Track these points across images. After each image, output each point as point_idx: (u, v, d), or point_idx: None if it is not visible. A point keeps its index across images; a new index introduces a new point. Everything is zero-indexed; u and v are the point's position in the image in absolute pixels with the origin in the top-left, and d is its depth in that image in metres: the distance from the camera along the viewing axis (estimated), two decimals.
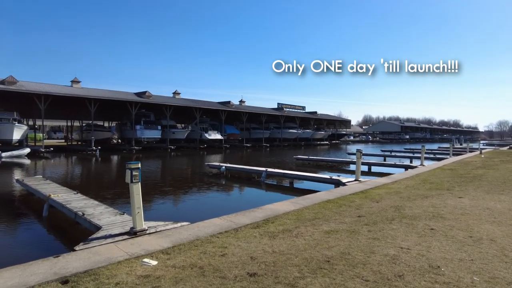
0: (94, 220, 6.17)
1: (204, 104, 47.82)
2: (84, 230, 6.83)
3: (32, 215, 8.73)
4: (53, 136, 61.75)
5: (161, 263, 4.27)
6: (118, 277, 3.89)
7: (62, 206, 7.43)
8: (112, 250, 4.72)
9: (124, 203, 9.87)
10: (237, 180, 15.66)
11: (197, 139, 44.49)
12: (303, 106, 70.82)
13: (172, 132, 42.69)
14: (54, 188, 9.78)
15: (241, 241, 5.10)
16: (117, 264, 4.28)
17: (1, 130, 30.40)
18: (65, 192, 9.13)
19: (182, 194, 12.38)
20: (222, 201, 11.49)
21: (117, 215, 6.66)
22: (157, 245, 4.94)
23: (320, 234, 5.40)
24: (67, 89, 36.87)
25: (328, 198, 8.53)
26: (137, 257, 4.51)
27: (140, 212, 5.35)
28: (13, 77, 31.38)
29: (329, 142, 68.76)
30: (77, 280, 3.85)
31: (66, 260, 4.39)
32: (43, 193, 8.87)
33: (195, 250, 4.74)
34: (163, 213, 8.79)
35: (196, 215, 7.86)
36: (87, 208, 7.11)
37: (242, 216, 6.64)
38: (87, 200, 8.15)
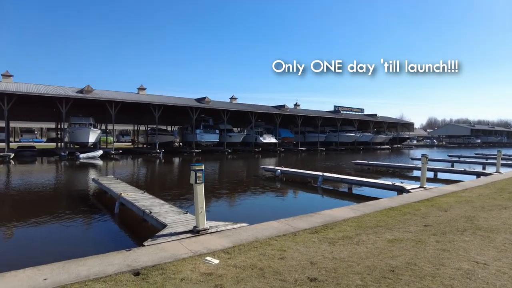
0: (160, 218, 6.58)
1: (259, 108, 48.51)
2: (150, 227, 7.31)
3: (106, 211, 9.55)
4: (121, 139, 67.32)
5: (222, 262, 4.41)
6: (183, 273, 4.10)
7: (132, 204, 8.04)
8: (177, 247, 4.99)
9: (186, 202, 10.39)
10: (293, 184, 15.58)
11: (252, 142, 45.23)
12: (362, 109, 68.28)
13: (229, 135, 43.99)
14: (124, 187, 10.62)
15: (300, 246, 5.06)
16: (182, 260, 4.51)
17: (79, 134, 33.89)
18: (134, 191, 9.87)
19: (238, 195, 12.66)
20: (278, 205, 11.52)
21: (181, 214, 7.02)
22: (219, 244, 5.11)
23: (383, 242, 5.15)
24: (134, 96, 39.96)
25: (390, 205, 8.11)
26: (200, 255, 4.71)
27: (203, 211, 5.59)
28: (90, 86, 34.93)
29: (390, 146, 65.32)
30: (147, 273, 4.13)
31: (136, 254, 4.74)
32: (115, 191, 9.69)
33: (255, 252, 4.81)
34: (221, 213, 9.08)
35: (253, 217, 7.99)
36: (154, 207, 7.61)
37: (300, 221, 6.59)
38: (153, 199, 8.72)
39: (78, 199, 11.46)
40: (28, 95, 29.98)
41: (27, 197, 12.11)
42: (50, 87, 35.29)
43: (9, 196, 12.46)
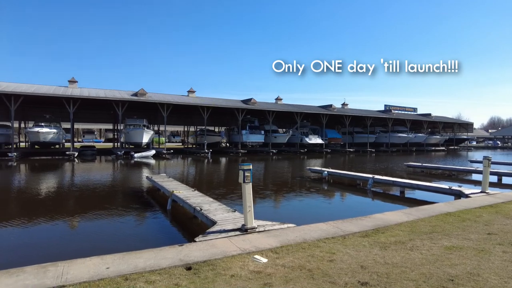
0: (210, 215, 6.79)
1: (305, 108, 48.01)
2: (200, 224, 7.58)
3: (159, 207, 10.06)
4: (172, 139, 70.42)
5: (271, 261, 4.45)
6: (233, 269, 4.20)
7: (183, 201, 8.40)
8: (226, 244, 5.12)
9: (233, 201, 10.61)
10: (340, 186, 15.22)
11: (297, 143, 44.89)
12: (415, 108, 64.70)
13: (274, 136, 44.08)
14: (175, 185, 11.12)
15: (350, 249, 4.95)
16: (231, 257, 4.63)
17: (134, 135, 36.04)
18: (185, 189, 10.29)
19: (283, 196, 12.65)
20: (325, 207, 11.32)
21: (229, 212, 7.19)
22: (267, 243, 5.16)
23: (439, 249, 4.86)
24: (184, 98, 41.62)
25: (447, 210, 7.61)
26: (249, 253, 4.79)
27: (251, 210, 5.68)
28: (143, 90, 37.04)
29: (446, 148, 61.12)
30: (198, 268, 4.29)
31: (188, 249, 4.95)
32: (167, 189, 10.18)
33: (303, 253, 4.79)
34: (267, 213, 9.14)
35: (299, 218, 7.94)
36: (204, 204, 7.88)
37: (349, 224, 6.44)
38: (203, 197, 9.03)
39: (134, 196, 12.21)
40: (90, 98, 32.58)
41: (89, 192, 13.15)
42: (108, 91, 38.00)
43: (74, 191, 13.62)
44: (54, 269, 4.18)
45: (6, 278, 3.94)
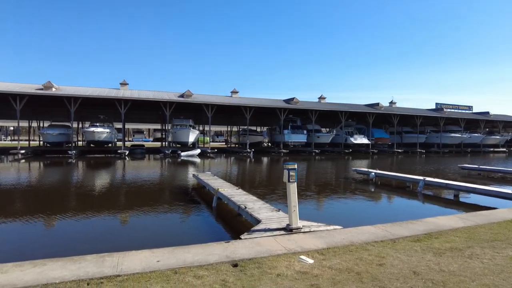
0: (254, 214, 6.84)
1: (350, 107, 46.64)
2: (244, 221, 7.66)
3: (204, 204, 10.33)
4: (216, 139, 72.17)
5: (317, 263, 4.37)
6: (279, 269, 4.19)
7: (228, 199, 8.55)
8: (272, 243, 5.12)
9: (276, 200, 10.59)
10: (388, 189, 14.58)
11: (341, 143, 43.80)
12: (470, 106, 60.30)
13: (317, 136, 43.39)
14: (220, 183, 11.36)
15: (400, 253, 4.72)
16: (277, 257, 4.62)
17: (181, 134, 37.46)
18: (229, 187, 10.48)
19: (327, 197, 12.39)
20: (372, 209, 10.91)
21: (273, 211, 7.19)
22: (312, 244, 5.09)
23: (504, 259, 4.47)
24: (228, 99, 42.42)
25: (511, 217, 6.98)
26: (294, 253, 4.75)
27: (296, 210, 5.63)
28: (189, 91, 38.35)
29: (507, 149, 56.16)
30: (245, 266, 4.33)
31: (234, 246, 5.02)
32: (212, 186, 10.42)
33: (350, 255, 4.65)
34: (311, 214, 9.00)
35: (345, 220, 7.72)
36: (248, 203, 7.95)
37: (399, 227, 6.14)
38: (247, 195, 9.12)
39: (181, 192, 12.66)
40: (139, 100, 34.36)
41: (139, 189, 13.86)
42: (157, 92, 39.86)
43: (125, 188, 14.43)
44: (110, 259, 4.45)
45: (71, 265, 4.27)
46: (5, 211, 9.31)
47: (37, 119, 43.44)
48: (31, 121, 43.99)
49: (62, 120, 37.82)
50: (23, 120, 37.80)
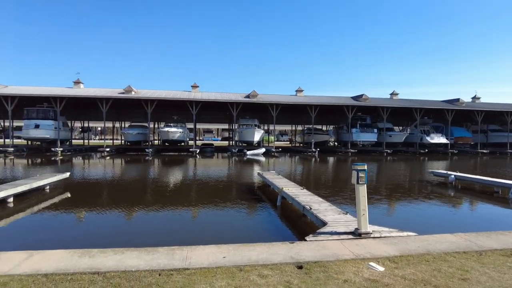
0: (320, 215, 6.64)
1: (425, 103, 43.01)
2: (309, 223, 7.50)
3: (269, 203, 10.37)
4: (280, 138, 72.44)
5: (388, 271, 4.06)
6: (346, 274, 3.98)
7: (292, 199, 8.46)
8: (339, 247, 4.90)
9: (342, 202, 10.19)
10: (471, 193, 13.07)
11: (416, 142, 40.64)
12: None
13: (388, 135, 40.88)
14: (284, 182, 11.31)
15: (489, 268, 4.16)
16: (344, 261, 4.40)
17: (246, 134, 38.38)
18: (294, 187, 10.37)
19: (400, 201, 11.53)
20: (451, 216, 9.86)
21: (341, 213, 6.91)
22: (383, 251, 4.75)
23: None
24: (292, 97, 42.22)
25: None
26: (363, 259, 4.48)
27: (365, 214, 5.32)
28: (255, 91, 39.07)
29: None
30: (310, 268, 4.21)
31: (299, 247, 4.91)
32: (277, 185, 10.42)
33: (426, 266, 4.23)
34: (381, 219, 8.46)
35: (419, 227, 7.09)
36: (313, 203, 7.77)
37: (487, 238, 5.44)
38: (312, 196, 8.92)
39: (246, 190, 12.90)
40: (209, 101, 36.00)
41: (208, 185, 14.48)
42: (224, 94, 41.39)
43: (195, 184, 15.19)
44: (180, 253, 4.68)
45: (145, 255, 4.59)
46: (93, 202, 10.46)
47: (119, 120, 48.14)
48: (115, 122, 48.90)
49: (140, 121, 41.35)
50: (108, 121, 42.10)
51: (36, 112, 34.05)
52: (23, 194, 10.41)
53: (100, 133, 67.76)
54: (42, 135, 33.83)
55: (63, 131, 36.42)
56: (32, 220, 8.52)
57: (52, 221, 8.51)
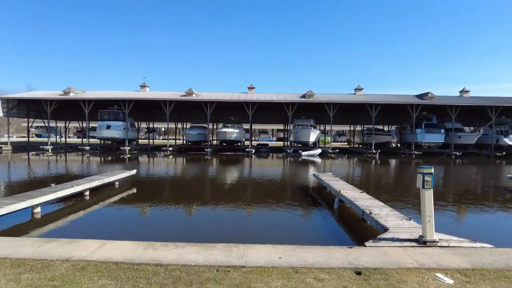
0: (380, 221, 6.32)
1: (502, 101, 38.61)
2: (369, 228, 7.18)
3: (325, 205, 10.14)
4: (337, 139, 70.48)
5: (459, 284, 3.73)
6: (409, 284, 3.74)
7: (351, 202, 8.16)
8: (401, 254, 4.62)
9: (405, 207, 9.59)
10: None
11: (491, 144, 36.73)
12: None
13: (457, 136, 37.52)
14: (342, 184, 10.97)
15: None
16: (407, 270, 4.14)
17: (302, 134, 38.01)
18: (352, 189, 10.00)
19: (471, 208, 10.49)
20: None
21: (403, 219, 6.50)
22: (452, 262, 4.37)
23: None
24: (351, 96, 40.84)
25: None
26: (428, 269, 4.17)
27: (432, 221, 4.94)
28: (311, 91, 38.64)
29: None
30: (369, 275, 4.02)
31: (358, 253, 4.72)
32: (334, 188, 10.15)
33: (506, 283, 3.80)
34: (448, 227, 7.78)
35: (494, 238, 6.40)
36: (373, 208, 7.42)
37: None
38: (372, 200, 8.52)
39: (301, 191, 12.76)
40: (265, 102, 36.37)
41: (263, 185, 14.60)
42: (280, 94, 41.49)
43: (251, 183, 15.41)
44: (236, 250, 4.78)
45: (204, 251, 4.77)
46: (156, 198, 11.17)
47: (181, 121, 50.76)
48: (177, 123, 51.67)
49: (200, 122, 43.20)
50: (171, 122, 44.53)
51: (108, 114, 37.48)
52: (97, 188, 11.47)
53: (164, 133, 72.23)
54: (113, 135, 37.11)
55: (131, 131, 39.46)
56: (104, 212, 9.36)
57: (120, 213, 9.28)
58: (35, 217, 8.13)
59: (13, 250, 4.82)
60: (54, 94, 38.52)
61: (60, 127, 58.53)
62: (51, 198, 8.78)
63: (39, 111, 40.96)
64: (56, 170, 19.67)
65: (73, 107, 41.35)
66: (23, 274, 4.02)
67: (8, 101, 37.46)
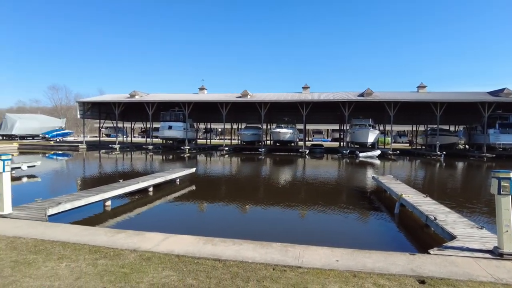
0: (447, 228, 5.87)
1: None
2: (433, 235, 6.73)
3: (384, 209, 9.68)
4: (398, 140, 66.64)
5: None
6: None
7: (413, 207, 7.69)
8: (472, 266, 4.26)
9: (475, 215, 8.78)
10: None
11: None
12: None
13: None
14: (403, 188, 10.37)
15: None
16: (479, 284, 3.81)
17: (359, 134, 36.61)
18: (415, 194, 9.42)
19: None
20: None
21: (474, 227, 5.97)
22: None
23: None
24: (413, 95, 38.36)
25: None
26: (506, 284, 3.80)
27: (509, 231, 4.47)
28: (369, 89, 36.98)
29: None
30: (434, 285, 3.78)
31: (421, 260, 4.45)
32: (395, 191, 9.64)
33: None
34: None
35: None
36: (438, 214, 6.91)
37: None
38: (437, 205, 7.94)
39: (358, 194, 12.33)
40: (320, 101, 35.72)
41: (317, 186, 14.37)
42: (336, 93, 40.41)
43: (305, 184, 15.26)
44: (292, 250, 4.78)
45: (260, 249, 4.84)
46: (213, 195, 11.60)
47: (236, 122, 51.97)
48: (233, 123, 53.03)
49: (255, 123, 43.82)
50: (227, 122, 45.82)
51: (169, 115, 39.80)
52: (160, 184, 12.23)
53: (220, 133, 74.54)
54: (174, 135, 39.29)
55: (190, 131, 41.40)
56: (165, 207, 9.97)
57: (180, 209, 9.81)
58: (106, 209, 8.93)
59: (90, 238, 5.35)
60: (121, 97, 41.92)
61: (126, 127, 63.35)
62: (119, 192, 9.57)
63: (108, 112, 44.78)
64: (123, 167, 21.37)
65: (138, 109, 44.53)
66: (99, 260, 4.45)
67: (84, 104, 41.59)
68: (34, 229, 5.81)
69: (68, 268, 4.18)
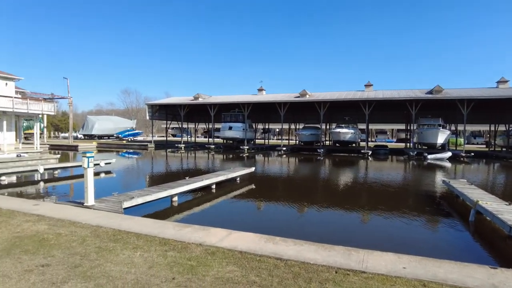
0: None
1: None
2: None
3: (457, 216, 8.92)
4: (472, 141, 60.53)
5: None
6: None
7: (493, 216, 6.96)
8: None
9: None
10: None
11: None
12: None
13: None
14: (480, 194, 9.44)
15: None
16: None
17: (428, 135, 33.96)
18: (494, 201, 8.51)
19: None
20: None
21: None
22: None
23: None
24: (491, 91, 34.54)
25: None
26: None
27: None
28: (439, 86, 34.15)
29: None
30: None
31: (504, 275, 4.03)
32: (469, 197, 8.82)
33: None
34: None
35: None
36: None
37: None
38: None
39: (427, 198, 11.51)
40: (384, 100, 33.93)
41: (382, 190, 13.70)
42: (401, 91, 38.06)
43: (368, 187, 14.63)
44: (356, 254, 4.64)
45: (322, 251, 4.79)
46: (271, 194, 11.74)
47: (294, 122, 51.72)
48: (290, 124, 52.88)
49: (313, 123, 43.20)
50: (285, 123, 45.79)
51: (229, 116, 41.19)
52: (221, 182, 12.69)
53: (278, 133, 74.86)
54: (234, 135, 40.52)
55: (249, 132, 42.28)
56: (227, 203, 10.35)
57: (241, 206, 10.12)
58: (173, 205, 9.54)
59: (160, 231, 5.76)
60: (186, 100, 44.33)
61: (190, 128, 66.78)
62: (185, 189, 10.16)
63: (174, 114, 47.62)
64: (187, 165, 22.59)
65: (201, 110, 46.67)
66: (168, 252, 4.78)
67: (152, 106, 44.84)
68: (112, 220, 6.44)
69: (141, 257, 4.56)
